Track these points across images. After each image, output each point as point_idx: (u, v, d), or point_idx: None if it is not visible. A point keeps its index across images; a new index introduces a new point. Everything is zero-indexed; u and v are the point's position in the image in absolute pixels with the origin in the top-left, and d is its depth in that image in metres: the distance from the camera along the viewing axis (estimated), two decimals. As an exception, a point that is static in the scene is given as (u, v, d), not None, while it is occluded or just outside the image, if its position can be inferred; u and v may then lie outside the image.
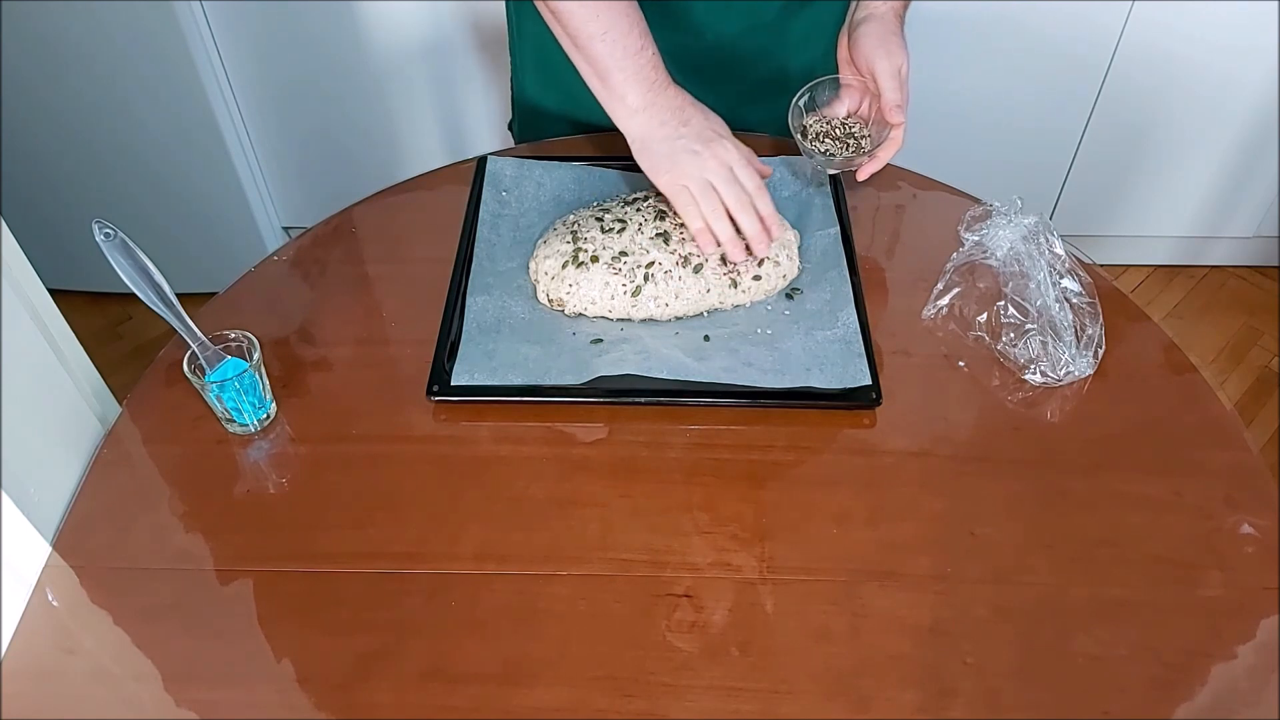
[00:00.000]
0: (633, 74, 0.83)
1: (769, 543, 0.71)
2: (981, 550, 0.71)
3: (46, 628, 0.68)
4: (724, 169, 0.82)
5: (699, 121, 0.84)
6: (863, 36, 0.90)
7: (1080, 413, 0.80)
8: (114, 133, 1.75)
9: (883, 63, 0.88)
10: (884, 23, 0.90)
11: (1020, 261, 0.85)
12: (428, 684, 0.64)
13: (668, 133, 0.83)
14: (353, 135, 1.87)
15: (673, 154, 0.83)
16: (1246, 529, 0.72)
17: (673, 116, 0.84)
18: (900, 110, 0.87)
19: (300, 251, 0.96)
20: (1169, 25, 1.63)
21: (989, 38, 1.67)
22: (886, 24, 0.90)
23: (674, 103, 0.84)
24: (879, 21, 0.90)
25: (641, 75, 0.83)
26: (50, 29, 1.61)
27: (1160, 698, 0.63)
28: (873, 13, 0.91)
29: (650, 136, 0.84)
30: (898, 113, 0.87)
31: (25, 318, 0.73)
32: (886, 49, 0.88)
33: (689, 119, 0.84)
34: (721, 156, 0.82)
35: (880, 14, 0.91)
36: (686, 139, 0.83)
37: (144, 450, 0.79)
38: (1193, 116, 1.76)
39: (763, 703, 0.63)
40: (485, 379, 0.81)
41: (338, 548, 0.71)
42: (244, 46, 1.74)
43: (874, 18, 0.91)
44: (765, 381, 0.80)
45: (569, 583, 0.69)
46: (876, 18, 0.91)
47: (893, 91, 0.87)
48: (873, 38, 0.89)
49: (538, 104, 1.10)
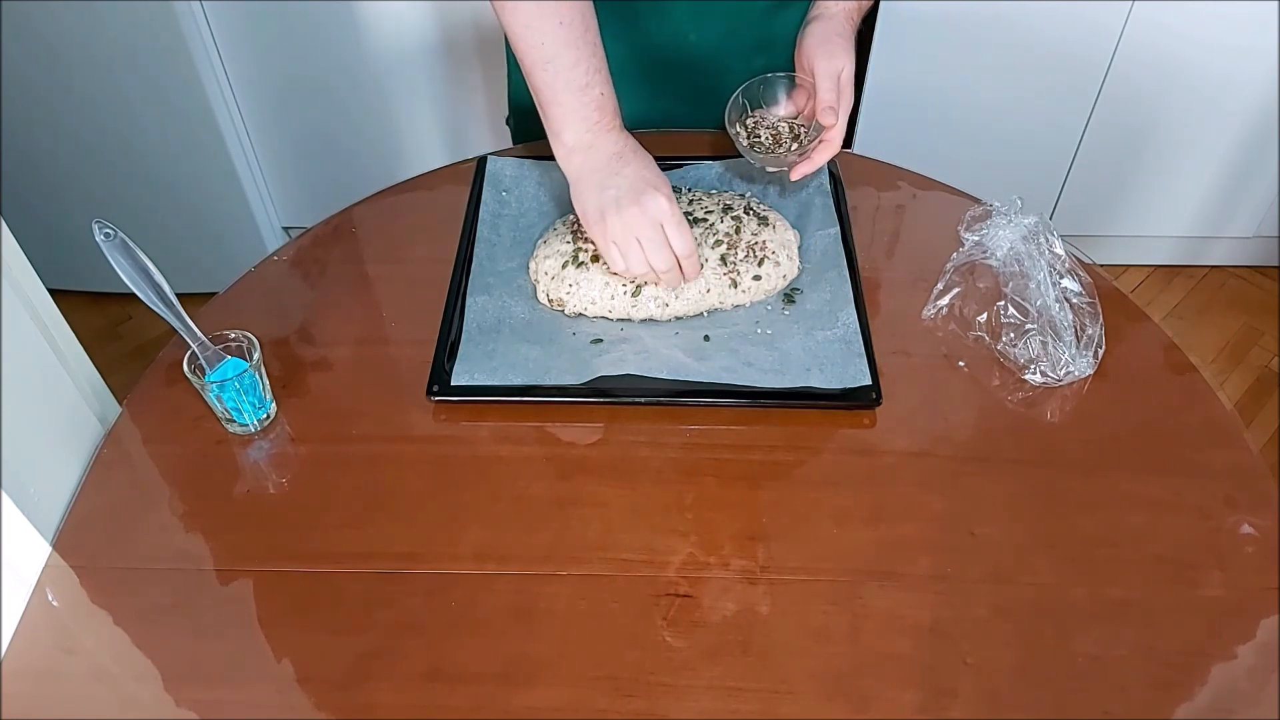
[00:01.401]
0: (572, 110, 0.80)
1: (769, 543, 0.71)
2: (981, 550, 0.71)
3: (46, 628, 0.68)
4: (653, 228, 0.79)
5: (633, 172, 0.80)
6: (807, 36, 0.88)
7: (1080, 413, 0.80)
8: (114, 133, 1.75)
9: (822, 63, 0.85)
10: (831, 23, 0.88)
11: (1020, 261, 0.85)
12: (428, 684, 0.64)
13: (599, 180, 0.80)
14: (353, 135, 1.88)
15: (602, 207, 0.79)
16: (1246, 529, 0.72)
17: (607, 164, 0.80)
18: (832, 112, 0.84)
19: (300, 251, 0.96)
20: (1169, 25, 1.63)
21: (989, 38, 1.67)
22: (834, 24, 0.88)
23: (613, 148, 0.81)
24: (826, 22, 0.88)
25: (582, 113, 0.80)
26: (50, 29, 1.61)
27: (1160, 698, 0.63)
28: (823, 12, 0.90)
29: (583, 181, 0.81)
30: (829, 114, 0.84)
31: (25, 318, 0.73)
32: (828, 50, 0.86)
33: (623, 168, 0.80)
34: (652, 213, 0.78)
35: (830, 14, 0.89)
36: (617, 190, 0.79)
37: (144, 450, 0.79)
38: (1193, 116, 1.76)
39: (763, 703, 0.63)
40: (485, 379, 0.81)
41: (338, 548, 0.71)
42: (244, 46, 1.74)
43: (823, 17, 0.89)
44: (765, 381, 0.80)
45: (569, 583, 0.69)
46: (825, 17, 0.89)
47: (827, 93, 0.85)
48: (816, 37, 0.87)
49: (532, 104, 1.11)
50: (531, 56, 0.79)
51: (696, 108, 1.04)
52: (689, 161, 1.00)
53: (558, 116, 0.80)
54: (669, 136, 1.06)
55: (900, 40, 1.67)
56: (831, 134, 0.86)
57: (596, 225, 0.80)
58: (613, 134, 0.82)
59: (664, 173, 0.89)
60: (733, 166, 0.99)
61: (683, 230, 0.80)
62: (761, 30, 1.01)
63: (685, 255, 0.81)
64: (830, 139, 0.86)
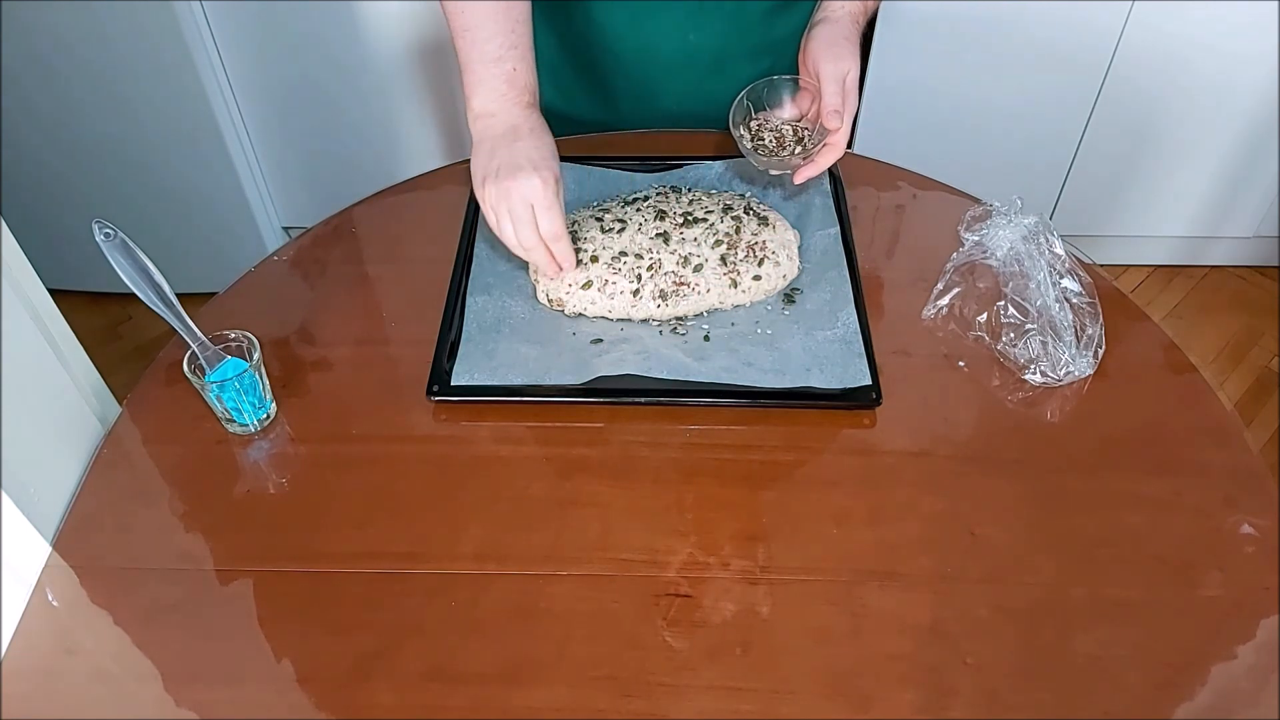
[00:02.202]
0: (482, 79, 0.83)
1: (769, 543, 0.71)
2: (981, 550, 0.71)
3: (46, 628, 0.68)
4: (524, 204, 0.80)
5: (523, 147, 0.81)
6: (813, 39, 0.87)
7: (1080, 413, 0.80)
8: (114, 133, 1.75)
9: (827, 67, 0.84)
10: (837, 26, 0.87)
11: (1020, 261, 0.85)
12: (428, 684, 0.64)
13: (490, 147, 0.82)
14: (353, 135, 1.88)
15: (485, 173, 0.81)
16: (1246, 529, 0.72)
17: (502, 135, 0.82)
18: (837, 115, 0.84)
19: (300, 251, 0.96)
20: (1169, 26, 1.63)
21: (990, 38, 1.67)
22: (840, 28, 0.87)
23: (512, 122, 0.83)
24: (832, 25, 0.88)
25: (491, 84, 0.83)
26: (50, 29, 1.61)
27: (1160, 698, 0.63)
28: (828, 15, 0.89)
29: (479, 146, 0.83)
30: (834, 118, 0.84)
31: (25, 318, 0.73)
32: (834, 53, 0.85)
33: (515, 142, 0.82)
34: (523, 190, 0.79)
35: (835, 17, 0.88)
36: (500, 161, 0.80)
37: (144, 450, 0.79)
38: (1192, 117, 1.76)
39: (763, 703, 0.63)
40: (485, 379, 0.81)
41: (338, 548, 0.71)
42: (244, 47, 1.74)
43: (828, 20, 0.89)
44: (765, 381, 0.80)
45: (569, 583, 0.69)
46: (831, 20, 0.88)
47: (832, 96, 0.84)
48: (822, 40, 0.87)
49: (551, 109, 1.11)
50: (454, 24, 0.84)
51: (699, 108, 1.04)
52: (690, 161, 1.00)
53: (470, 83, 0.84)
54: (670, 136, 1.06)
55: (900, 41, 1.67)
56: (836, 138, 0.85)
57: (478, 190, 0.82)
58: (517, 109, 0.84)
59: (664, 172, 0.89)
60: (733, 166, 0.99)
61: (551, 214, 0.80)
62: (764, 32, 1.01)
63: (551, 238, 0.81)
64: (835, 142, 0.86)
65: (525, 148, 0.81)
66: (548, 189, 0.80)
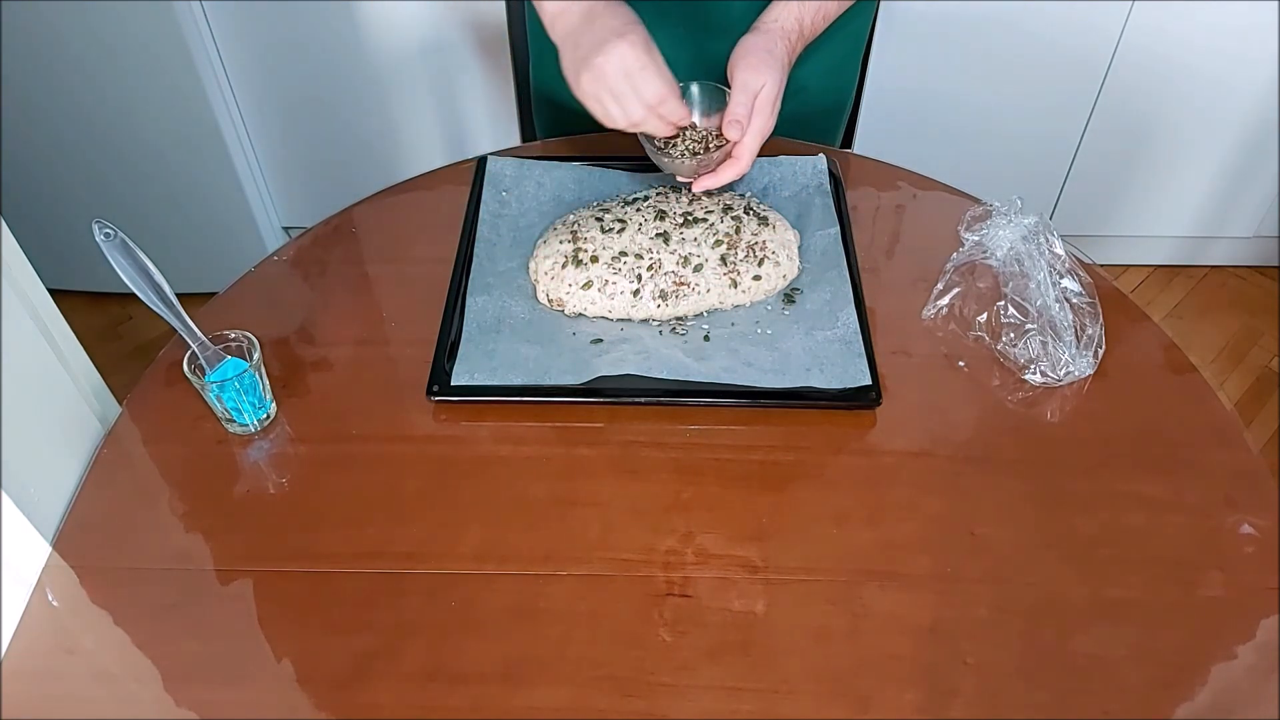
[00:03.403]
0: None
1: (769, 543, 0.71)
2: (981, 550, 0.71)
3: (46, 628, 0.68)
4: (619, 77, 0.78)
5: (601, 24, 0.80)
6: (738, 46, 0.85)
7: (1080, 413, 0.80)
8: (114, 133, 1.75)
9: (741, 75, 0.82)
10: (765, 38, 0.85)
11: (1020, 261, 0.85)
12: (428, 684, 0.64)
13: (574, 40, 0.81)
14: (353, 135, 1.87)
15: (575, 65, 0.80)
16: (1246, 529, 0.72)
17: (580, 21, 0.81)
18: (738, 126, 0.81)
19: (300, 251, 0.96)
20: (1169, 26, 1.63)
21: (990, 39, 1.67)
22: (767, 40, 0.85)
23: (585, 6, 0.81)
24: (760, 36, 0.85)
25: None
26: (50, 29, 1.61)
27: (1160, 698, 0.63)
28: (760, 25, 0.86)
29: (563, 45, 0.82)
30: (733, 128, 0.81)
31: (25, 318, 0.73)
32: (750, 63, 0.82)
33: (593, 23, 0.80)
34: (615, 62, 0.78)
35: (766, 29, 0.86)
36: (585, 48, 0.79)
37: (144, 450, 0.79)
38: (1192, 117, 1.76)
39: (763, 703, 0.63)
40: (485, 379, 0.81)
41: (338, 548, 0.71)
42: (244, 47, 1.74)
43: (757, 30, 0.86)
44: (765, 381, 0.80)
45: (569, 583, 0.69)
46: (760, 31, 0.86)
47: (738, 106, 0.81)
48: (744, 48, 0.84)
49: (555, 97, 1.11)
50: None
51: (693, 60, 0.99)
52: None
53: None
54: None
55: (900, 41, 1.67)
56: (739, 149, 0.83)
57: (574, 85, 0.81)
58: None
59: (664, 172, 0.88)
60: None
61: (649, 75, 0.78)
62: None
63: (655, 102, 0.79)
64: (737, 155, 0.83)
65: (604, 23, 0.80)
66: (637, 51, 0.78)
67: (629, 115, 0.80)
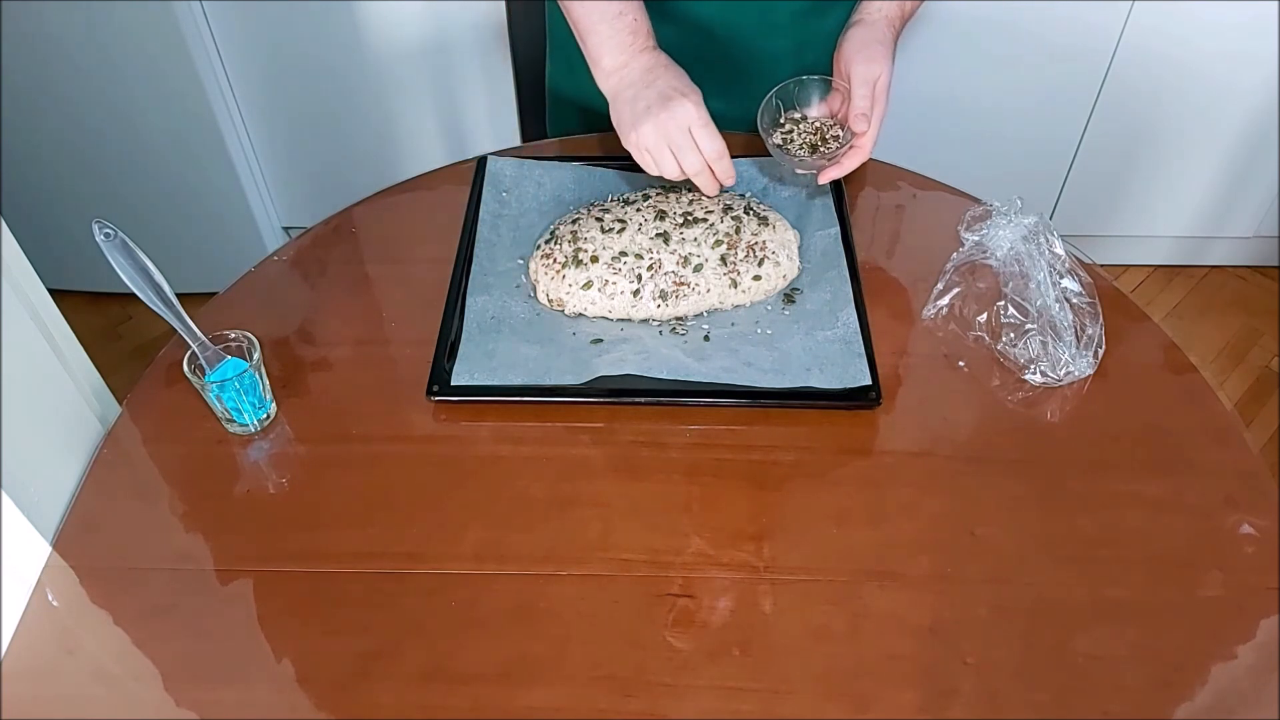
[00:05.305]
0: (608, 37, 0.85)
1: (769, 542, 0.71)
2: (981, 550, 0.71)
3: (46, 628, 0.68)
4: (681, 132, 0.82)
5: (664, 83, 0.83)
6: (847, 41, 0.89)
7: (1080, 413, 0.80)
8: (114, 133, 1.75)
9: (859, 69, 0.86)
10: (872, 29, 0.89)
11: (1020, 261, 0.85)
12: (428, 684, 0.64)
13: (633, 93, 0.84)
14: (353, 135, 1.87)
15: (635, 116, 0.83)
16: (1246, 529, 0.72)
17: (641, 78, 0.84)
18: (865, 119, 0.86)
19: (300, 251, 0.96)
20: (1169, 26, 1.63)
21: (990, 39, 1.67)
22: (874, 31, 0.89)
23: (646, 64, 0.85)
24: (866, 27, 0.89)
25: (617, 39, 0.85)
26: (50, 29, 1.61)
27: (1160, 698, 0.63)
28: (864, 17, 0.91)
29: (619, 96, 0.85)
30: (861, 120, 0.86)
31: (25, 318, 0.73)
32: (866, 55, 0.87)
33: (655, 80, 0.84)
34: (680, 118, 0.81)
35: (871, 20, 0.90)
36: (648, 101, 0.82)
37: (144, 450, 0.79)
38: (1192, 117, 1.76)
39: (763, 703, 0.63)
40: (485, 379, 0.81)
41: (338, 548, 0.71)
42: (244, 46, 1.74)
43: (863, 23, 0.90)
44: (765, 381, 0.80)
45: (569, 583, 0.69)
46: (866, 23, 0.90)
47: (862, 99, 0.86)
48: (855, 43, 0.88)
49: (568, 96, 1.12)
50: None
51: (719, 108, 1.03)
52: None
53: (595, 44, 0.86)
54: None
55: (900, 41, 1.67)
56: (863, 140, 0.87)
57: (630, 134, 0.84)
58: (645, 54, 0.85)
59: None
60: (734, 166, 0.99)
61: (710, 133, 0.82)
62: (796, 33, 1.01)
63: (714, 157, 0.83)
64: (861, 145, 0.87)
65: (667, 81, 0.83)
66: (701, 110, 0.82)
67: (687, 165, 0.83)
